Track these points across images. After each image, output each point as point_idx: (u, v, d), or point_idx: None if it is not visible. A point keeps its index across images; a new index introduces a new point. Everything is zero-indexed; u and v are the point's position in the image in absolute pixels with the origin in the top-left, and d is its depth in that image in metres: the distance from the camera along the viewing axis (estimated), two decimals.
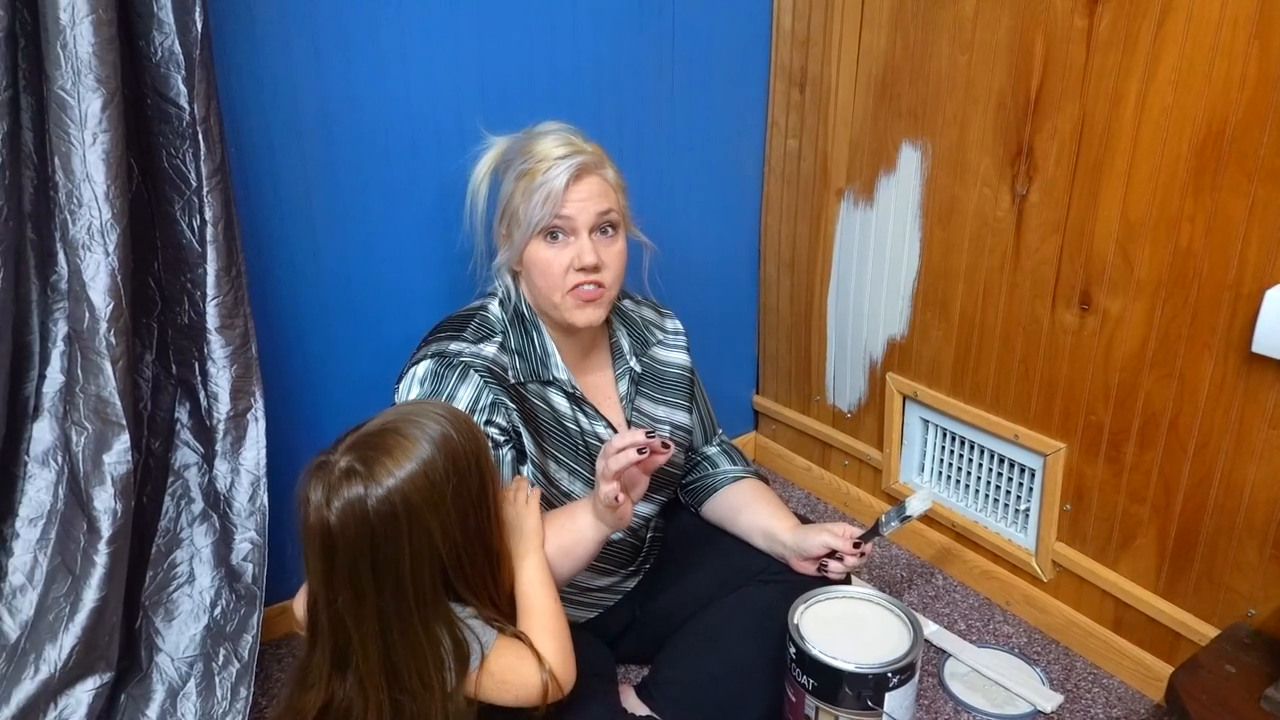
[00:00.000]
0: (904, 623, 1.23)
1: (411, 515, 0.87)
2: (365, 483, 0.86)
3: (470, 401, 1.18)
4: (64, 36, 1.03)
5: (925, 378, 1.68)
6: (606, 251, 1.23)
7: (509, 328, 1.26)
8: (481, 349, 1.22)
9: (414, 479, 0.87)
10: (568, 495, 1.26)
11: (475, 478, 0.92)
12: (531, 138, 1.24)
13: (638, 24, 1.61)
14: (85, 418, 1.13)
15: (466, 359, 1.20)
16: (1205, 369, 1.28)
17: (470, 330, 1.24)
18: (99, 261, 1.09)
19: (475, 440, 0.94)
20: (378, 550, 0.86)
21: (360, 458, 0.88)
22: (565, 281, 1.21)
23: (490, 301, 1.30)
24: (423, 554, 0.88)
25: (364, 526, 0.86)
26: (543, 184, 1.18)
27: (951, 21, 1.48)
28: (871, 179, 1.68)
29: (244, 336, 1.22)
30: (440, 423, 0.92)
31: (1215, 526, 1.31)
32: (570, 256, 1.21)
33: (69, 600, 1.15)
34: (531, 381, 1.25)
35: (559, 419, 1.26)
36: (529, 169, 1.21)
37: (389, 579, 0.87)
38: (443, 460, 0.89)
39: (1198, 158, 1.23)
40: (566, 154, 1.20)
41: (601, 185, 1.22)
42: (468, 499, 0.91)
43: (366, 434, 0.92)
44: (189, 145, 1.15)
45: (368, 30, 1.35)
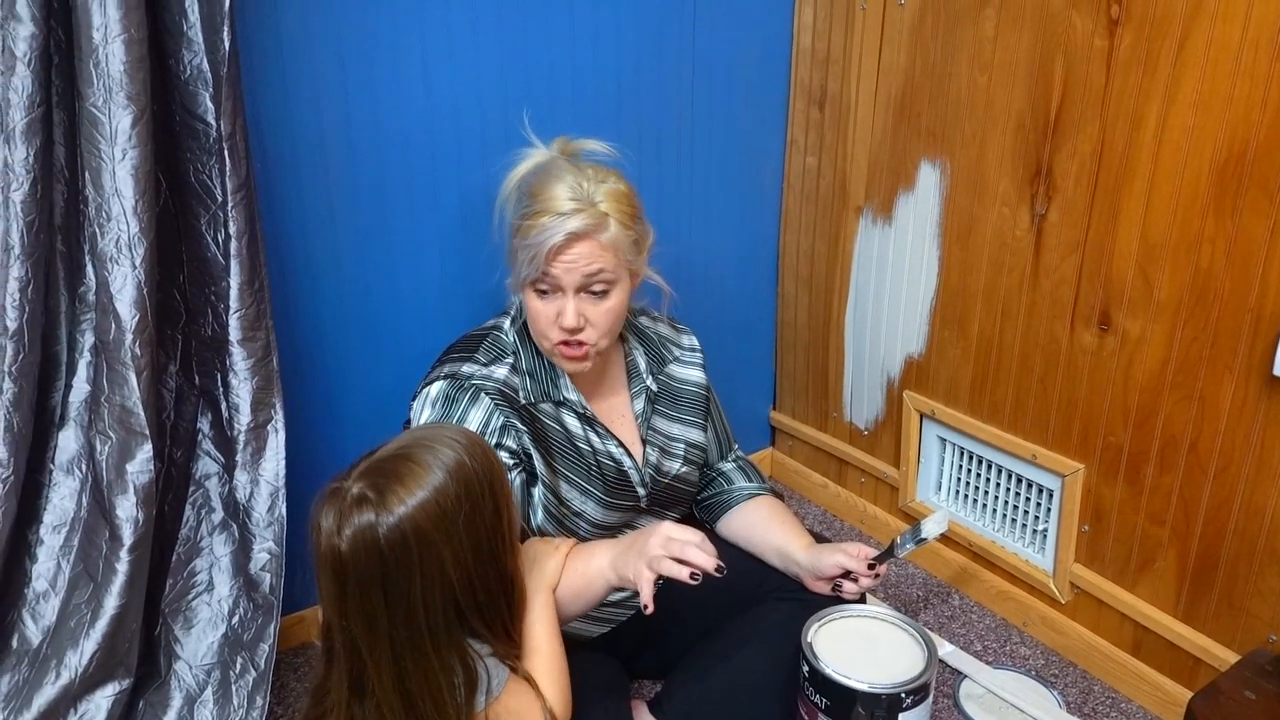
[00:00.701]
0: (919, 643, 1.23)
1: (423, 543, 0.87)
2: (376, 510, 0.87)
3: (480, 424, 1.19)
4: (96, 55, 1.05)
5: (943, 396, 1.67)
6: (594, 310, 1.20)
7: (520, 348, 1.27)
8: (493, 371, 1.23)
9: (425, 507, 0.87)
10: (579, 515, 1.27)
11: (489, 504, 0.92)
12: (550, 175, 1.20)
13: (659, 41, 1.62)
14: (110, 427, 1.15)
15: (478, 382, 1.21)
16: (1226, 391, 1.27)
17: (482, 351, 1.25)
18: (126, 274, 1.11)
19: (490, 466, 0.94)
20: (389, 578, 0.86)
21: (372, 485, 0.88)
22: (551, 334, 1.21)
23: (503, 320, 1.30)
24: (434, 582, 0.88)
25: (375, 554, 0.86)
26: (534, 242, 1.16)
27: (971, 41, 1.48)
28: (890, 197, 1.68)
29: (265, 349, 1.24)
30: (455, 449, 0.92)
31: (1236, 551, 1.30)
32: (555, 312, 1.19)
33: (90, 607, 1.17)
34: (543, 401, 1.26)
35: (571, 439, 1.27)
36: (529, 219, 1.18)
37: (401, 607, 0.88)
38: (455, 487, 0.89)
39: (1219, 179, 1.22)
40: (569, 211, 1.16)
41: (594, 250, 1.17)
42: (481, 526, 0.91)
43: (380, 460, 0.92)
44: (215, 161, 1.17)
45: (391, 47, 1.37)
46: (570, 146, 1.27)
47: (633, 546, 1.12)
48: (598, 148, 1.29)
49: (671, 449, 1.36)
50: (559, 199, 1.17)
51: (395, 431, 1.36)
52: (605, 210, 1.18)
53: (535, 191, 1.20)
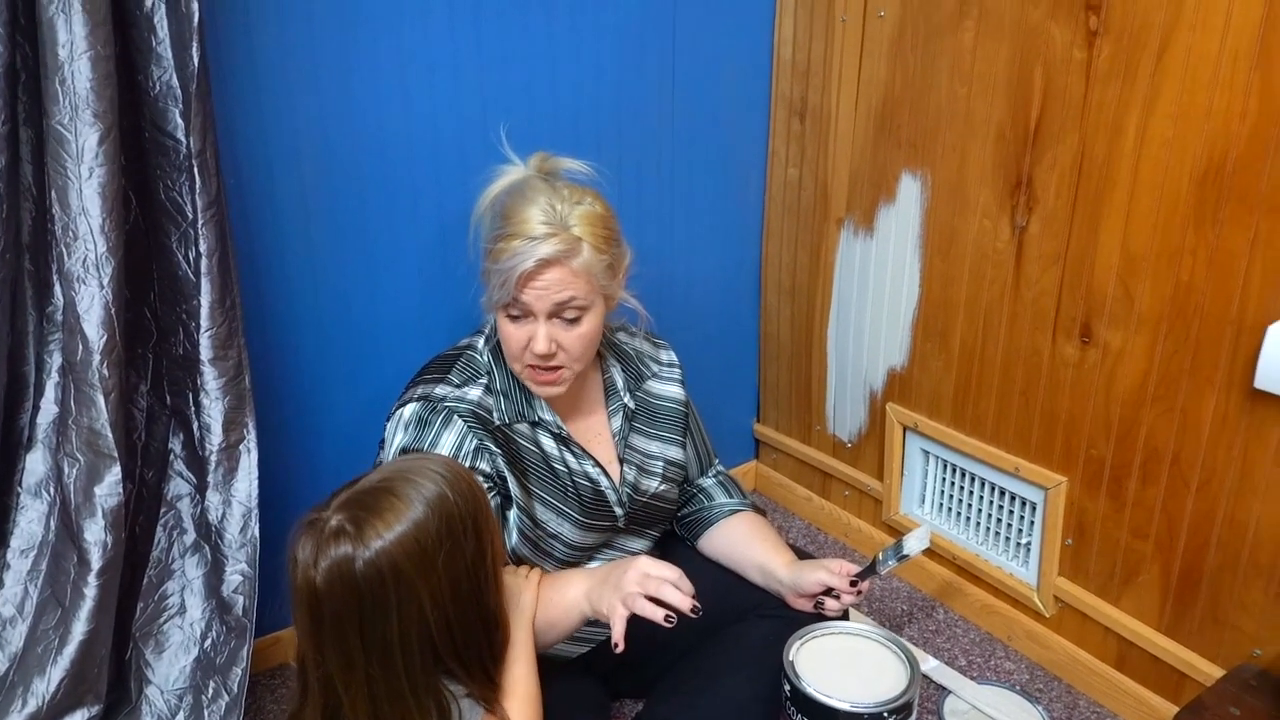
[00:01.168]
0: (902, 660, 1.22)
1: (400, 581, 0.85)
2: (354, 544, 0.85)
3: (454, 447, 1.18)
4: (62, 72, 1.03)
5: (926, 409, 1.67)
6: (566, 335, 1.18)
7: (494, 367, 1.25)
8: (466, 393, 1.22)
9: (404, 543, 0.85)
10: (554, 537, 1.25)
11: (471, 541, 0.90)
12: (524, 196, 1.18)
13: (640, 54, 1.61)
14: (78, 449, 1.13)
15: (451, 404, 1.20)
16: (1208, 404, 1.26)
17: (455, 372, 1.24)
18: (94, 294, 1.09)
19: (474, 500, 0.92)
20: (365, 614, 0.85)
21: (351, 517, 0.86)
22: (523, 358, 1.20)
23: (477, 339, 1.29)
24: (410, 619, 0.86)
25: (351, 589, 0.84)
26: (505, 267, 1.14)
27: (951, 53, 1.48)
28: (871, 209, 1.67)
29: (238, 368, 1.22)
30: (437, 483, 0.89)
31: (1219, 564, 1.29)
32: (527, 337, 1.18)
33: (58, 632, 1.14)
34: (518, 422, 1.24)
35: (546, 460, 1.25)
36: (501, 242, 1.16)
37: (377, 644, 0.86)
38: (436, 523, 0.87)
39: (1199, 191, 1.22)
40: (541, 235, 1.13)
41: (565, 276, 1.15)
42: (462, 564, 0.89)
43: (360, 491, 0.90)
44: (185, 178, 1.15)
45: (368, 62, 1.35)
46: (547, 164, 1.25)
47: (608, 580, 1.11)
48: (575, 166, 1.27)
49: (650, 467, 1.35)
50: (531, 222, 1.15)
51: (372, 451, 1.36)
52: (579, 234, 1.16)
53: (508, 213, 1.18)
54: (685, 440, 1.41)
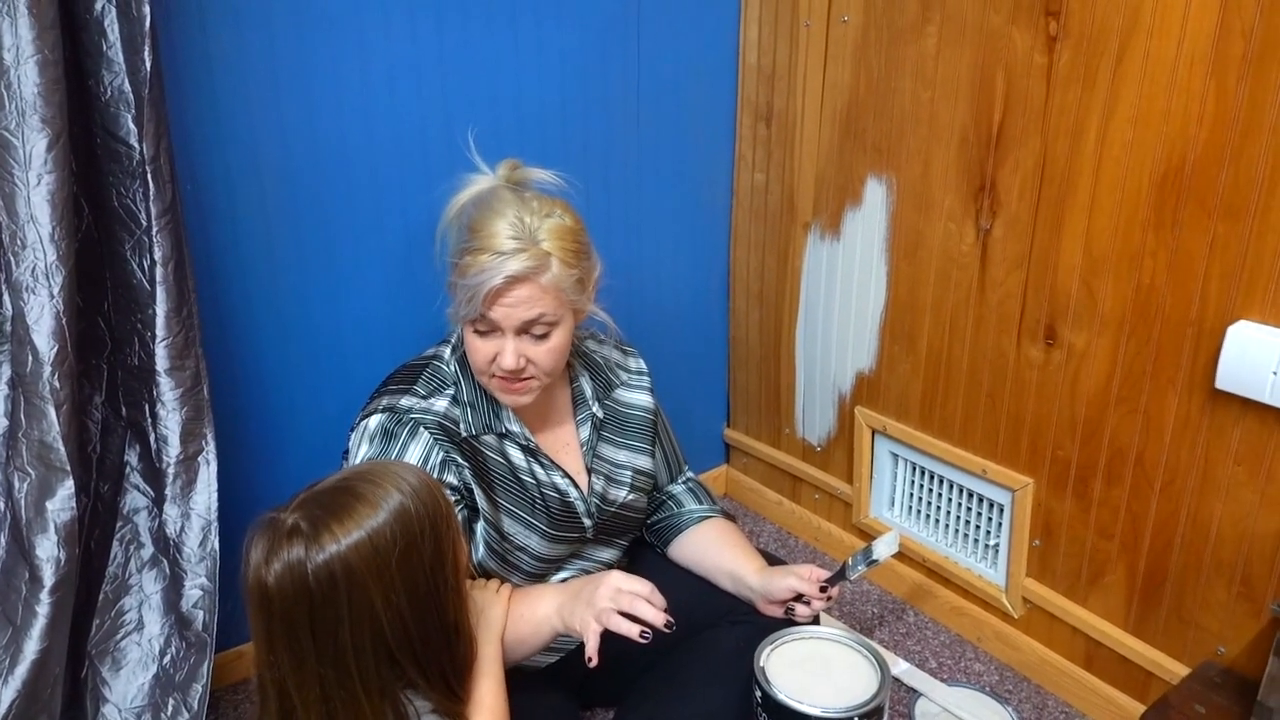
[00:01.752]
0: (872, 664, 1.21)
1: (352, 583, 0.83)
2: (307, 545, 0.84)
3: (420, 460, 1.16)
4: (8, 76, 1.01)
5: (894, 411, 1.67)
6: (535, 350, 1.17)
7: (461, 378, 1.23)
8: (432, 404, 1.20)
9: (359, 546, 0.84)
10: (522, 549, 1.24)
11: (429, 545, 0.89)
12: (492, 208, 1.16)
13: (603, 60, 1.60)
14: (28, 463, 1.10)
15: (417, 415, 1.18)
16: (1170, 405, 1.27)
17: (421, 383, 1.22)
18: (43, 304, 1.06)
19: (436, 509, 0.91)
20: (316, 616, 0.83)
21: (308, 517, 0.85)
22: (489, 369, 1.18)
23: (443, 349, 1.27)
24: (364, 624, 0.85)
25: (302, 590, 0.83)
26: (473, 283, 1.11)
27: (914, 58, 1.48)
28: (838, 213, 1.68)
29: (195, 378, 1.19)
30: (400, 488, 0.88)
31: (1183, 564, 1.31)
32: (494, 352, 1.16)
33: (9, 652, 1.11)
34: (485, 433, 1.22)
35: (514, 471, 1.24)
36: (469, 256, 1.13)
37: (329, 646, 0.84)
38: (393, 527, 0.86)
39: (1158, 193, 1.23)
40: (510, 251, 1.11)
41: (534, 293, 1.13)
42: (419, 570, 0.88)
43: (320, 491, 0.89)
44: (139, 184, 1.13)
45: (329, 67, 1.33)
46: (516, 174, 1.22)
47: (580, 595, 1.11)
48: (544, 176, 1.24)
49: (618, 476, 1.34)
50: (499, 236, 1.12)
51: (335, 462, 1.33)
52: (547, 249, 1.14)
53: (476, 226, 1.15)
54: (654, 449, 1.40)
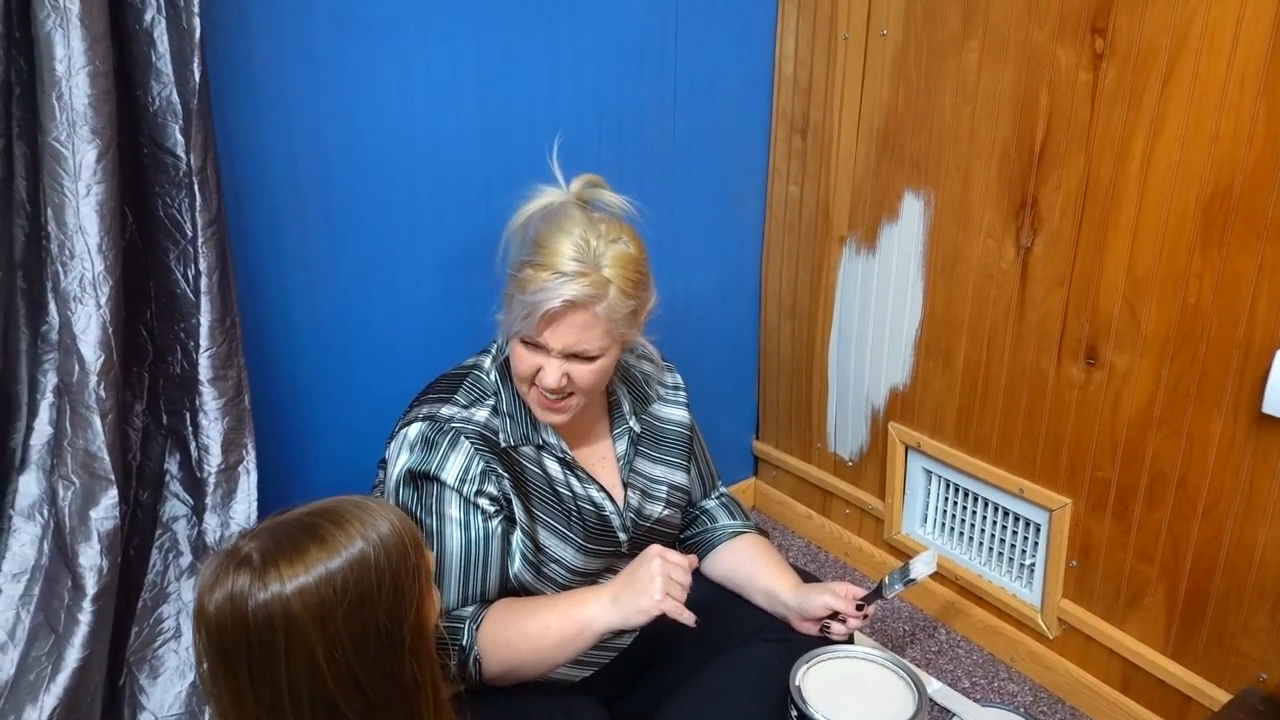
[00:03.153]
0: (908, 685, 1.20)
1: (291, 628, 0.78)
2: (252, 579, 0.79)
3: (461, 469, 1.16)
4: (60, 88, 1.01)
5: (928, 428, 1.66)
6: (579, 370, 1.16)
7: (501, 388, 1.23)
8: (473, 414, 1.19)
9: (303, 591, 0.78)
10: (557, 561, 1.23)
11: (387, 599, 0.82)
12: (560, 226, 1.14)
13: (639, 69, 1.60)
14: (73, 471, 1.11)
15: (458, 425, 1.17)
16: (1214, 428, 1.26)
17: (462, 393, 1.21)
18: (90, 314, 1.07)
19: (402, 560, 0.84)
20: (253, 655, 0.79)
21: (260, 549, 0.81)
22: (531, 379, 1.17)
23: (483, 359, 1.26)
24: (302, 672, 0.79)
25: (240, 625, 0.79)
26: (531, 300, 1.10)
27: (955, 73, 1.47)
28: (874, 227, 1.67)
29: (237, 388, 1.20)
30: (364, 534, 0.82)
31: (1225, 588, 1.29)
32: (538, 365, 1.15)
33: (51, 659, 1.12)
34: (524, 444, 1.22)
35: (551, 484, 1.23)
36: (530, 270, 1.12)
37: (265, 689, 0.80)
38: (345, 575, 0.80)
39: (1205, 214, 1.22)
40: (571, 274, 1.10)
41: (587, 320, 1.12)
42: (370, 622, 0.81)
43: (283, 523, 0.84)
44: (185, 195, 1.13)
45: (366, 78, 1.34)
46: (588, 193, 1.20)
47: (629, 584, 1.12)
48: (616, 201, 1.22)
49: (653, 491, 1.33)
50: (563, 256, 1.11)
51: (370, 471, 1.34)
52: (608, 276, 1.12)
53: (541, 240, 1.14)
54: (689, 464, 1.39)
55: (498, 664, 1.16)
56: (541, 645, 1.15)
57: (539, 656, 1.16)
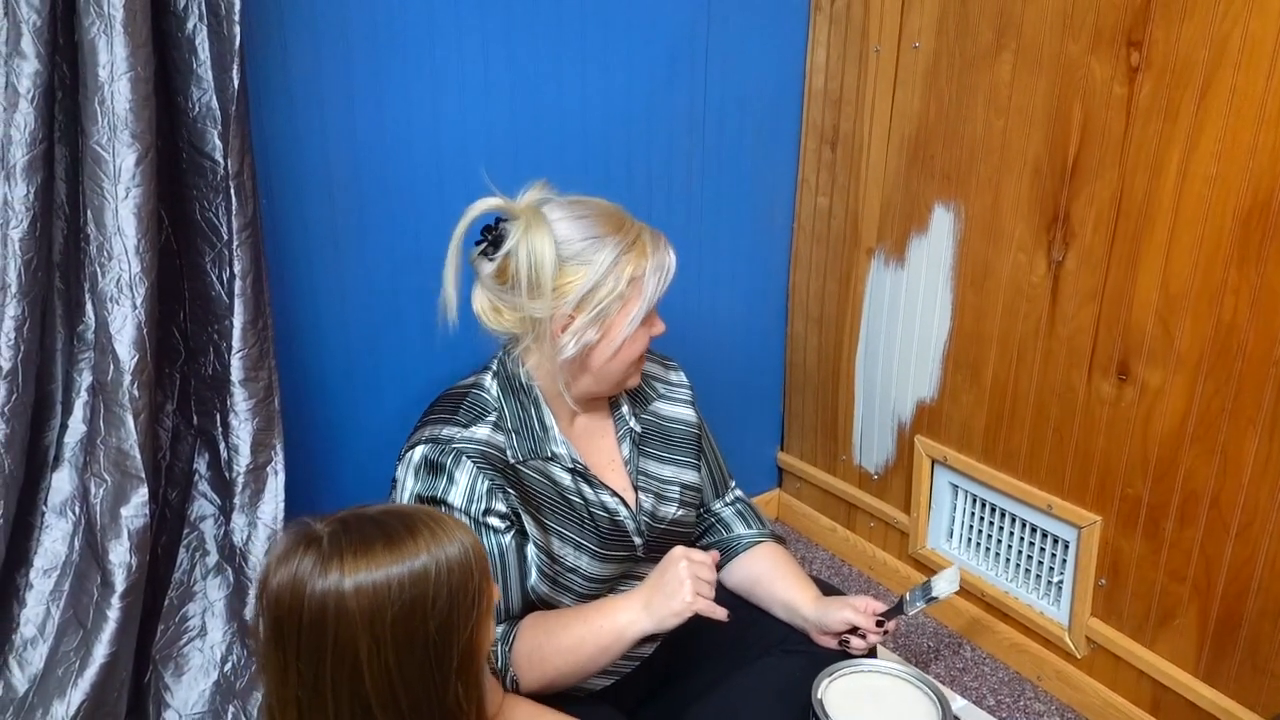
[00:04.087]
0: (932, 701, 1.19)
1: (341, 621, 0.80)
2: (315, 563, 0.81)
3: (466, 491, 1.15)
4: (102, 93, 1.03)
5: (955, 442, 1.64)
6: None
7: (504, 404, 1.22)
8: (474, 433, 1.18)
9: (360, 587, 0.80)
10: (573, 571, 1.23)
11: (438, 618, 0.83)
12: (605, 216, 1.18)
13: (670, 80, 1.61)
14: (105, 469, 1.12)
15: (459, 445, 1.16)
16: (1249, 446, 1.24)
17: (462, 412, 1.21)
18: (126, 315, 1.08)
19: (462, 587, 0.85)
20: (303, 637, 0.81)
21: (333, 536, 0.83)
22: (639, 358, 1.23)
23: (484, 377, 1.25)
24: (344, 665, 0.81)
25: (296, 607, 0.81)
26: (663, 266, 1.18)
27: (987, 85, 1.47)
28: (903, 239, 1.66)
29: (268, 389, 1.21)
30: (431, 550, 0.83)
31: (1260, 610, 1.26)
32: (649, 333, 1.22)
33: (79, 654, 1.13)
34: (531, 459, 1.21)
35: (561, 494, 1.23)
36: (632, 249, 1.17)
37: (310, 671, 0.81)
38: (402, 580, 0.81)
39: (1242, 229, 1.20)
40: (651, 234, 1.19)
41: None
42: (418, 633, 0.82)
43: (361, 515, 0.86)
44: (222, 199, 1.15)
45: (400, 85, 1.35)
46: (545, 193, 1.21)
47: (659, 589, 1.14)
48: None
49: (666, 493, 1.33)
50: (637, 230, 1.19)
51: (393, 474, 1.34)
52: None
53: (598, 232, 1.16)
54: (699, 463, 1.38)
55: (535, 680, 1.16)
56: (577, 659, 1.15)
57: (577, 669, 1.17)
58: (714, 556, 1.16)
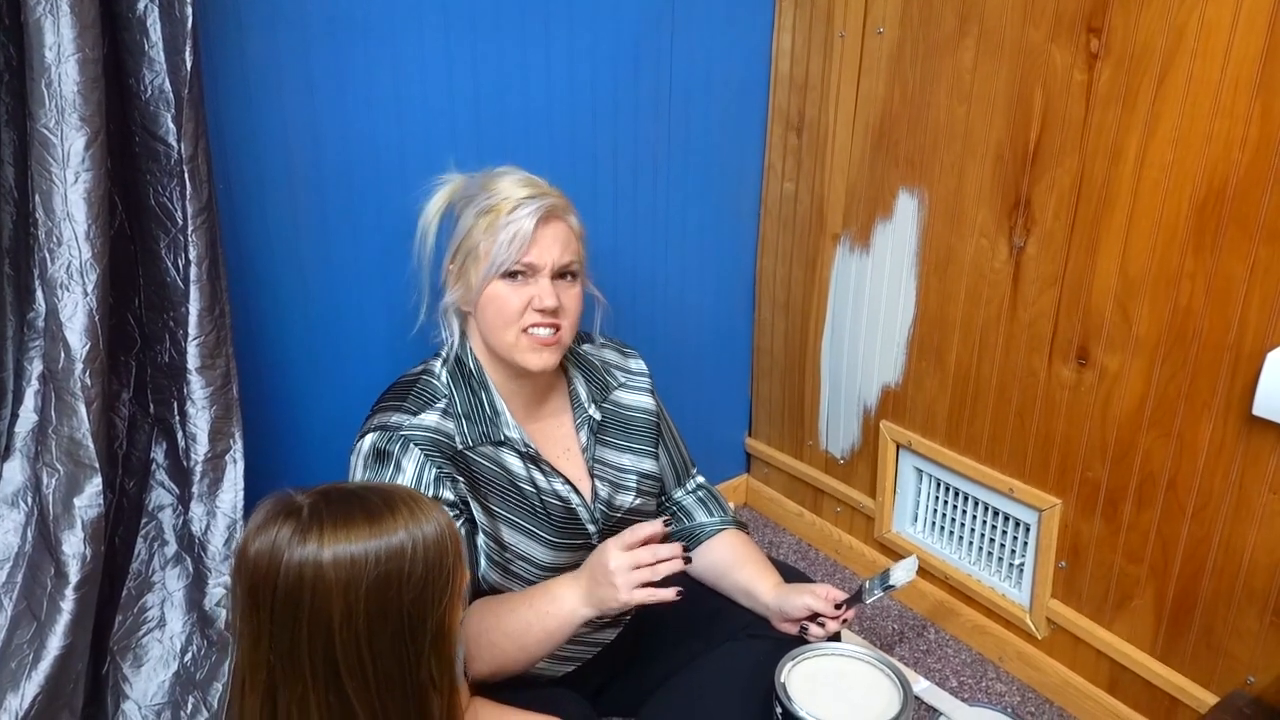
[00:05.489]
0: (894, 683, 1.20)
1: (317, 589, 0.81)
2: (294, 534, 0.82)
3: (414, 477, 1.15)
4: (49, 74, 1.01)
5: (919, 427, 1.66)
6: (565, 295, 1.20)
7: (454, 390, 1.22)
8: (423, 419, 1.18)
9: (337, 557, 0.81)
10: (525, 559, 1.23)
11: (412, 589, 0.84)
12: (491, 176, 1.22)
13: (636, 65, 1.60)
14: (57, 459, 1.10)
15: (406, 432, 1.16)
16: (1204, 430, 1.26)
17: (411, 399, 1.21)
18: (77, 301, 1.06)
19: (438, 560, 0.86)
20: (278, 604, 0.82)
21: (312, 507, 0.84)
22: (522, 320, 1.18)
23: (433, 363, 1.26)
24: (318, 632, 0.82)
25: (272, 574, 0.82)
26: (510, 223, 1.15)
27: (950, 72, 1.47)
28: (868, 225, 1.66)
29: (225, 377, 1.19)
30: (409, 527, 0.84)
31: (1214, 590, 1.29)
32: (529, 296, 1.18)
33: (33, 647, 1.11)
34: (482, 444, 1.21)
35: (512, 480, 1.22)
36: (493, 205, 1.18)
37: (284, 638, 0.82)
38: (378, 553, 0.82)
39: (1198, 216, 1.22)
40: (532, 194, 1.18)
41: (566, 233, 1.20)
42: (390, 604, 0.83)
43: (341, 490, 0.87)
44: (176, 183, 1.13)
45: (363, 69, 1.33)
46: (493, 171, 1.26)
47: (595, 578, 1.13)
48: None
49: (623, 481, 1.32)
50: (518, 186, 1.19)
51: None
52: (560, 196, 1.21)
53: (487, 186, 1.20)
54: (658, 451, 1.38)
55: (484, 664, 1.16)
56: (526, 642, 1.16)
57: (524, 653, 1.17)
58: (656, 531, 1.13)
